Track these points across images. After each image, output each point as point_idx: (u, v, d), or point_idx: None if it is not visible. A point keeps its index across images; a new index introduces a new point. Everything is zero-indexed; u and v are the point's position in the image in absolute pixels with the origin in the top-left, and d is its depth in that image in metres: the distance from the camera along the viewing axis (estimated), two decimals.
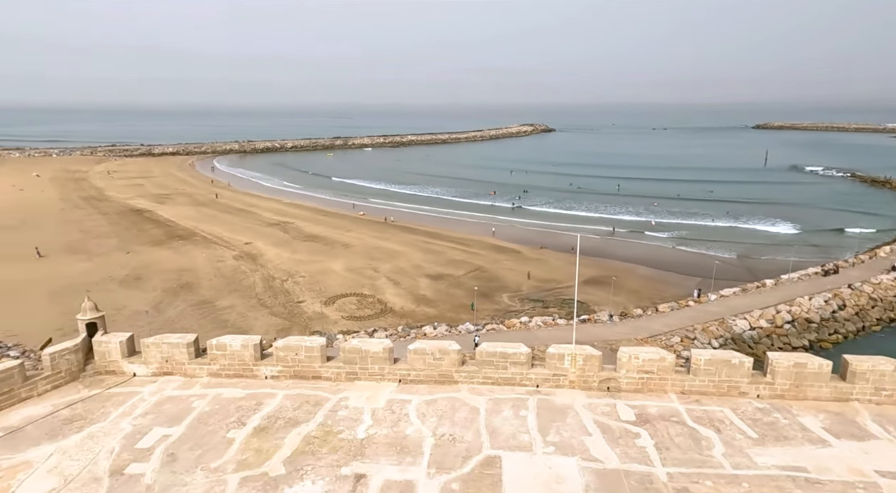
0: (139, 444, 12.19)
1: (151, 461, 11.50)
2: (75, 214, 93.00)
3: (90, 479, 10.95)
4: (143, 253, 68.96)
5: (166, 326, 44.51)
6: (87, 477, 11.01)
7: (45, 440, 12.43)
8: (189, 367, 16.11)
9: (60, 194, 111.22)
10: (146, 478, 10.94)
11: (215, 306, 52.25)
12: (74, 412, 13.83)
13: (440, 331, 45.55)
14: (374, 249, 72.74)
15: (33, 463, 11.53)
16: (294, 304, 53.26)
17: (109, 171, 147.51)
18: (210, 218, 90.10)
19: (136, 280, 58.79)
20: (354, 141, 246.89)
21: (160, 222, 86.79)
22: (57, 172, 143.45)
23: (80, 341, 16.53)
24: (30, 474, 11.16)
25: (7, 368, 14.87)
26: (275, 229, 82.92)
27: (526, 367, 15.08)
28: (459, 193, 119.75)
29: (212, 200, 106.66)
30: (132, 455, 11.73)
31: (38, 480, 10.95)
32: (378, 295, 55.67)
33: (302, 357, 15.76)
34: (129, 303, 51.22)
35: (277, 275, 61.29)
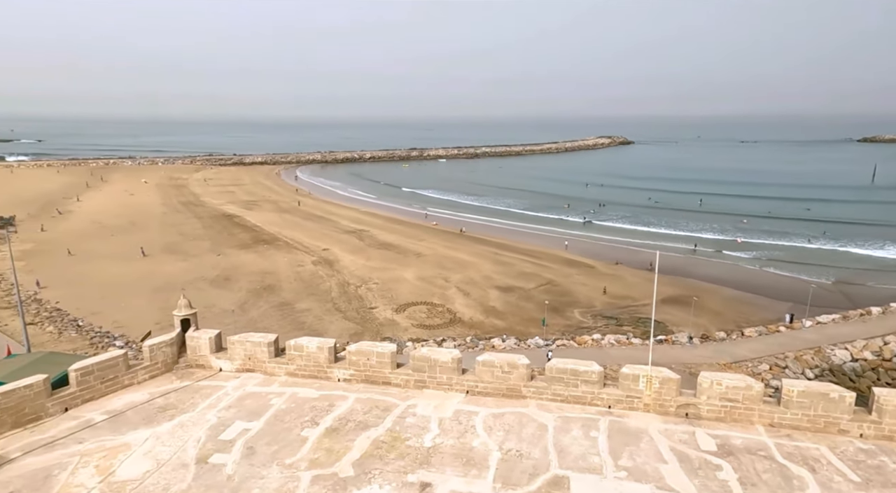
0: (222, 435, 12.99)
1: (233, 453, 12.21)
2: (175, 217, 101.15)
3: (179, 465, 11.79)
4: (232, 256, 73.71)
5: (250, 325, 47.21)
6: (177, 463, 11.87)
7: (142, 425, 13.55)
8: (269, 365, 17.00)
9: (163, 199, 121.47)
10: (227, 469, 11.62)
11: (294, 308, 54.80)
12: (168, 401, 14.98)
13: (509, 344, 45.11)
14: (446, 258, 73.47)
15: (132, 446, 12.60)
16: (367, 310, 54.80)
17: (206, 178, 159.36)
18: (292, 224, 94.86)
19: (225, 281, 62.88)
20: (429, 152, 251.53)
21: (248, 227, 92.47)
22: (161, 179, 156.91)
23: (175, 336, 17.93)
24: (129, 455, 12.20)
25: (113, 356, 16.40)
26: (351, 237, 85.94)
27: (598, 386, 14.61)
28: (532, 205, 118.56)
29: (294, 208, 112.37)
30: (216, 446, 12.52)
31: (135, 461, 11.94)
32: (448, 305, 56.09)
33: (373, 363, 16.17)
34: (217, 302, 54.82)
35: (352, 281, 63.38)
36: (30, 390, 14.15)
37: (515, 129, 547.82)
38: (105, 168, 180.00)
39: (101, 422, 13.83)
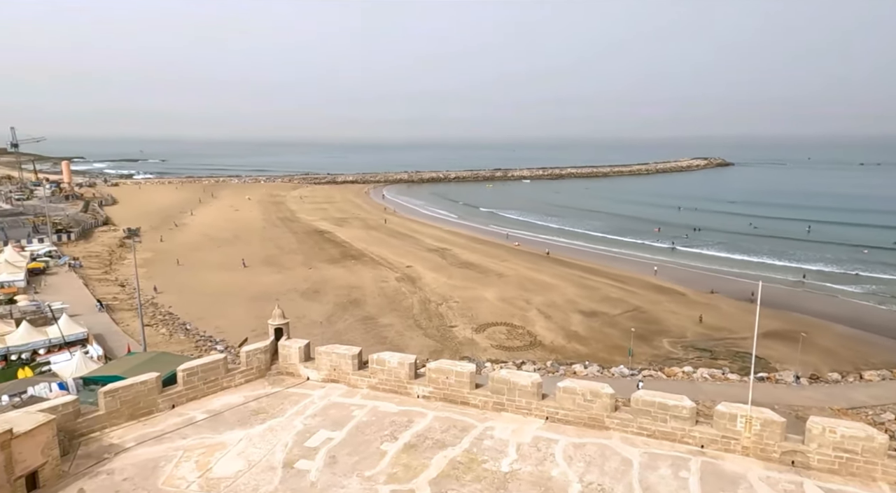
0: (307, 442, 13.56)
1: (316, 461, 12.70)
2: (273, 231, 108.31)
3: (267, 467, 12.44)
4: (322, 269, 77.48)
5: (335, 337, 49.15)
6: (266, 465, 12.53)
7: (237, 426, 14.48)
8: (352, 377, 17.58)
9: (263, 215, 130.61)
10: (311, 475, 12.10)
11: (377, 322, 56.41)
12: (260, 405, 15.91)
13: (591, 371, 43.47)
14: (527, 280, 72.55)
15: (227, 445, 13.49)
16: (447, 328, 55.21)
17: (301, 196, 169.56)
18: (378, 241, 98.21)
19: (315, 293, 66.12)
20: (514, 173, 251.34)
21: (337, 243, 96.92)
22: (263, 196, 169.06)
23: (268, 343, 19.08)
24: (224, 454, 13.06)
25: (215, 360, 17.72)
26: (434, 255, 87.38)
27: (689, 423, 13.65)
28: (619, 228, 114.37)
29: (381, 225, 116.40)
30: (301, 452, 13.09)
31: (229, 460, 12.76)
32: (528, 327, 55.19)
33: (452, 381, 16.22)
34: (307, 313, 57.69)
35: (433, 299, 64.24)
36: (144, 387, 15.63)
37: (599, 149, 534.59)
38: (215, 185, 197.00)
39: (202, 420, 14.95)
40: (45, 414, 12.67)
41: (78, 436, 14.07)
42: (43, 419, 12.39)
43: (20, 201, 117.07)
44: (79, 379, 30.16)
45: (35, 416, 12.65)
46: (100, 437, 14.12)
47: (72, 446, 13.57)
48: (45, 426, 12.21)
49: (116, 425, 14.79)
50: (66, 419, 13.83)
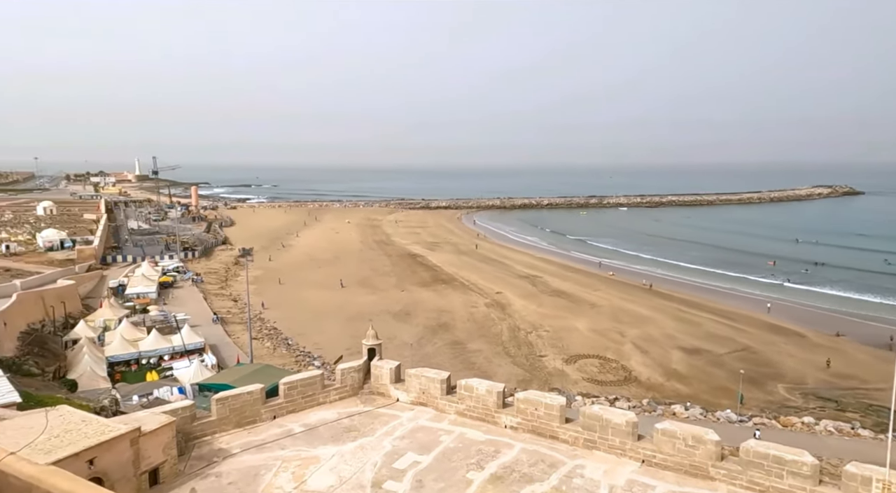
0: (396, 464, 13.80)
1: (403, 483, 12.87)
2: (369, 254, 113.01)
3: (357, 485, 12.80)
4: (414, 292, 79.33)
5: (424, 360, 49.84)
6: (355, 482, 12.91)
7: (330, 442, 15.09)
8: (440, 402, 17.72)
9: (361, 238, 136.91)
10: None
11: (465, 348, 56.50)
12: (352, 423, 16.48)
13: (693, 413, 40.29)
14: (622, 311, 69.34)
15: (321, 459, 14.09)
16: (536, 357, 54.01)
17: (396, 220, 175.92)
18: (469, 266, 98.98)
19: (406, 315, 67.74)
20: (609, 200, 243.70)
21: (429, 267, 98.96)
22: (361, 219, 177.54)
23: (362, 363, 19.82)
24: (318, 468, 13.64)
25: (313, 376, 18.70)
26: (524, 282, 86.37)
27: (810, 482, 12.20)
28: (724, 261, 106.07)
29: (472, 250, 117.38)
30: (389, 473, 13.33)
31: (322, 475, 13.30)
32: (623, 361, 52.51)
33: (541, 413, 15.82)
34: (398, 334, 59.16)
35: (523, 326, 63.28)
36: (250, 397, 16.82)
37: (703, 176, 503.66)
38: (319, 209, 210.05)
39: (299, 433, 15.77)
40: (167, 416, 14.03)
41: (192, 438, 15.40)
42: (165, 420, 13.73)
43: (156, 222, 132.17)
44: (195, 385, 33.05)
45: (159, 417, 14.05)
46: (210, 441, 15.35)
47: (187, 447, 14.87)
48: (167, 426, 13.51)
49: (225, 431, 16.01)
50: (184, 421, 15.21)
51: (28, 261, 72.07)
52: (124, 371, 43.41)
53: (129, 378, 41.87)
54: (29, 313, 48.01)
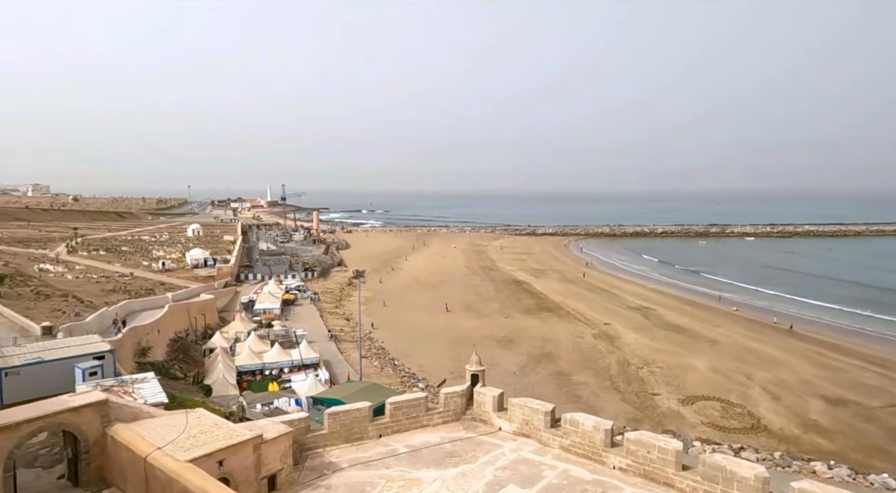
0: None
1: None
2: (474, 279, 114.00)
3: None
4: (518, 319, 78.43)
5: (527, 389, 48.79)
6: None
7: (433, 466, 15.25)
8: (544, 435, 17.21)
9: (466, 263, 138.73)
10: None
11: (570, 379, 54.48)
12: (454, 448, 16.54)
13: (838, 474, 35.12)
14: (747, 351, 62.95)
15: (423, 482, 14.27)
16: (648, 394, 50.58)
17: (502, 246, 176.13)
18: (575, 295, 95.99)
19: (509, 342, 67.04)
20: (733, 229, 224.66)
21: (533, 294, 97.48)
22: (466, 245, 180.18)
23: (465, 388, 19.90)
24: (420, 491, 13.83)
25: (417, 398, 19.13)
26: (635, 313, 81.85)
27: None
28: (876, 301, 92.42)
29: (579, 278, 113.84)
30: None
31: None
32: (749, 407, 47.40)
33: (654, 457, 14.75)
34: (501, 361, 58.62)
35: (633, 361, 59.77)
36: (359, 414, 17.58)
37: (848, 203, 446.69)
38: (427, 234, 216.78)
39: (403, 454, 16.14)
40: (286, 426, 15.09)
41: (306, 449, 16.37)
42: (284, 429, 14.78)
43: (282, 244, 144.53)
44: (310, 398, 35.17)
45: (278, 426, 15.15)
46: (322, 453, 16.21)
47: (301, 457, 15.83)
48: (285, 436, 14.53)
49: (335, 445, 16.83)
50: (300, 432, 16.24)
51: (178, 276, 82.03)
52: (250, 380, 47.44)
53: (253, 387, 45.68)
54: (177, 323, 54.47)
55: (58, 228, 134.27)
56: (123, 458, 13.34)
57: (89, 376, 20.58)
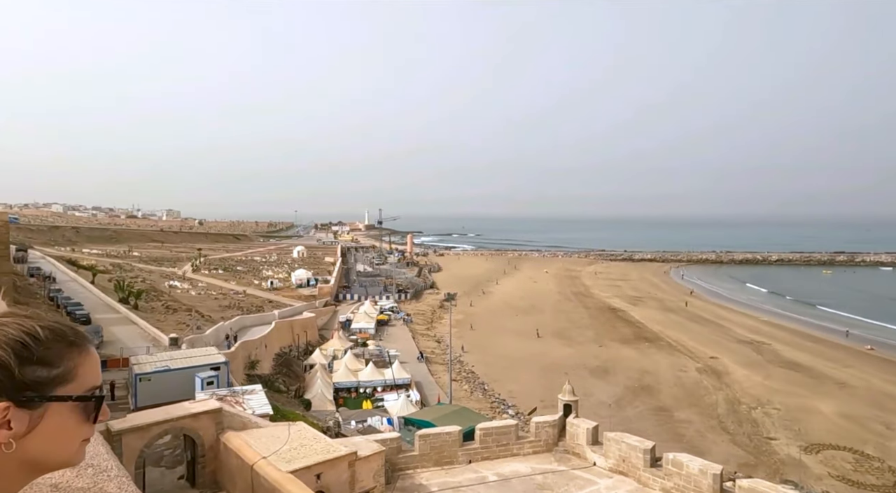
0: None
1: None
2: (566, 305, 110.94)
3: None
4: (612, 348, 74.94)
5: (624, 423, 46.18)
6: None
7: None
8: (643, 474, 16.18)
9: (558, 288, 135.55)
10: None
11: (672, 416, 50.85)
12: (545, 481, 16.03)
13: None
14: (886, 396, 55.22)
15: None
16: (762, 438, 45.85)
17: (596, 272, 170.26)
18: (676, 325, 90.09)
19: (604, 372, 64.13)
20: (865, 257, 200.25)
21: (630, 322, 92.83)
22: (559, 270, 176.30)
23: (557, 418, 19.30)
24: None
25: (508, 425, 18.84)
26: (745, 348, 75.06)
27: None
28: None
29: (681, 308, 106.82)
30: None
31: None
32: (890, 461, 41.34)
33: None
34: (595, 392, 56.15)
35: (745, 400, 54.64)
36: (449, 438, 17.63)
37: None
38: (518, 258, 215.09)
39: (493, 482, 15.91)
40: (379, 445, 15.50)
41: (397, 470, 16.67)
42: (377, 448, 15.19)
43: (378, 266, 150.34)
44: (401, 418, 35.83)
45: (371, 444, 15.61)
46: (412, 475, 16.41)
47: (392, 477, 16.14)
48: (378, 455, 14.93)
49: (424, 467, 16.97)
50: (392, 452, 16.60)
51: (284, 295, 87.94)
52: (346, 397, 49.32)
53: (349, 404, 47.41)
54: (282, 339, 58.23)
55: (185, 248, 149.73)
56: (233, 464, 14.39)
57: (207, 385, 22.56)
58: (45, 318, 1.25)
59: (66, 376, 1.18)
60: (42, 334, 1.18)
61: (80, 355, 1.22)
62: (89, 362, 1.23)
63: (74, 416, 1.18)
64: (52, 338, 1.20)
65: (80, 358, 1.22)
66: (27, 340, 1.16)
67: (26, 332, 1.17)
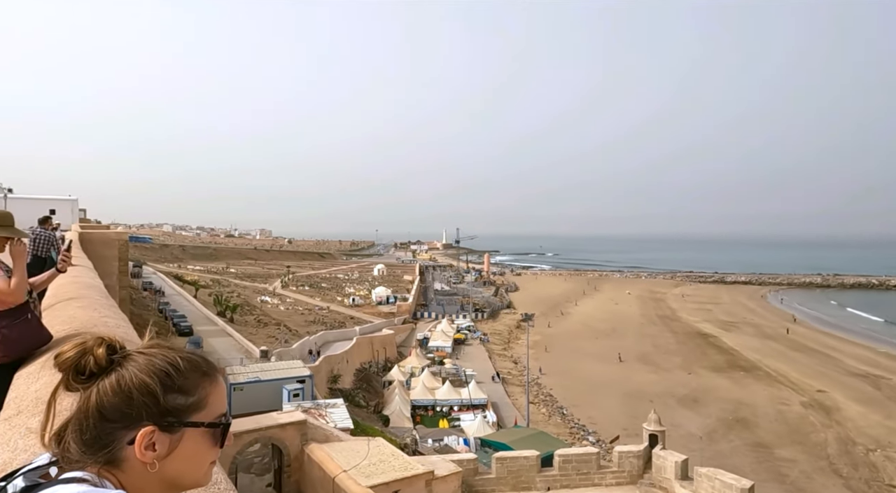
0: None
1: None
2: (650, 329, 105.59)
3: None
4: (703, 376, 70.17)
5: (716, 458, 42.83)
6: None
7: None
8: None
9: (642, 311, 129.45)
10: None
11: (772, 453, 46.55)
12: None
13: None
14: None
15: None
16: (883, 486, 40.76)
17: (683, 294, 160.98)
18: (777, 353, 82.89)
19: (693, 402, 60.10)
20: None
21: (723, 349, 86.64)
22: (642, 291, 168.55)
23: (642, 449, 18.33)
24: None
25: (588, 453, 18.14)
26: (860, 382, 67.48)
27: None
28: None
29: (781, 335, 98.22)
30: None
31: None
32: None
33: None
34: (683, 423, 52.69)
35: (860, 440, 48.96)
36: (527, 462, 17.25)
37: None
38: (598, 279, 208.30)
39: None
40: (456, 465, 15.47)
41: (473, 492, 16.51)
42: (454, 468, 15.16)
43: (455, 284, 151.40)
44: (478, 439, 35.53)
45: (448, 464, 15.60)
46: None
47: None
48: (455, 475, 14.89)
49: (501, 491, 16.68)
50: (468, 473, 16.49)
51: (364, 311, 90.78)
52: (423, 415, 49.70)
53: (426, 422, 47.71)
54: (362, 354, 59.99)
55: (276, 266, 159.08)
56: (316, 475, 14.94)
57: (293, 397, 23.67)
58: (183, 350, 1.37)
59: (200, 404, 1.28)
60: (182, 364, 1.29)
61: (212, 384, 1.32)
62: (218, 390, 1.34)
63: (205, 440, 1.28)
64: (189, 368, 1.30)
65: (210, 387, 1.32)
66: (170, 370, 1.26)
67: (170, 362, 1.28)
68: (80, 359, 1.26)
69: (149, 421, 1.22)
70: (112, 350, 1.28)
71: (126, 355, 1.29)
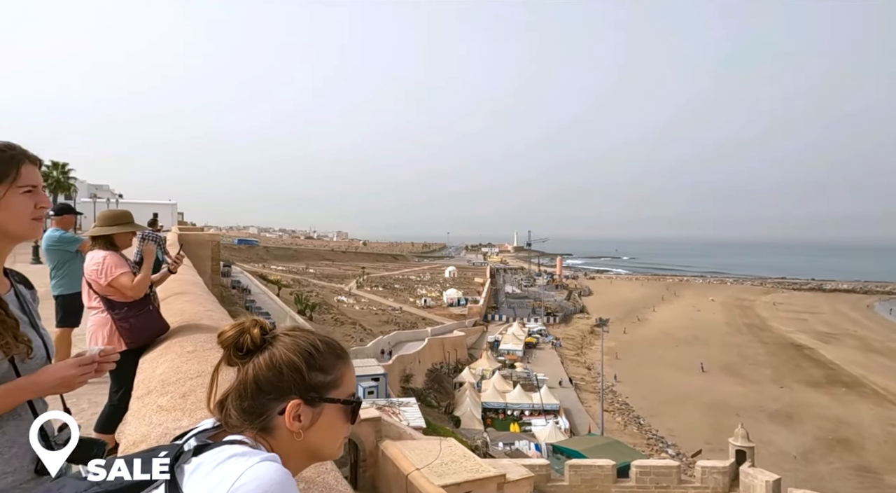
0: None
1: None
2: (736, 338, 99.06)
3: None
4: (797, 391, 64.92)
5: (813, 480, 39.46)
6: None
7: None
8: None
9: (727, 318, 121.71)
10: None
11: (882, 479, 42.21)
12: None
13: None
14: None
15: None
16: None
17: (774, 302, 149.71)
18: (885, 369, 75.07)
19: (786, 418, 55.77)
20: None
21: (820, 362, 79.73)
22: (727, 298, 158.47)
23: (728, 465, 17.26)
24: None
25: (668, 466, 17.35)
26: None
27: None
28: None
29: (891, 349, 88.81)
30: None
31: None
32: None
33: None
34: (774, 439, 49.00)
35: None
36: (602, 472, 16.76)
37: None
38: (678, 284, 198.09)
39: None
40: (528, 470, 15.32)
41: None
42: (526, 473, 15.03)
43: (526, 288, 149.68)
44: (550, 445, 34.92)
45: (520, 469, 15.48)
46: None
47: None
48: (527, 479, 14.76)
49: None
50: (540, 479, 16.27)
51: (436, 313, 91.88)
52: (493, 418, 49.53)
53: (496, 425, 47.52)
54: (434, 355, 60.77)
55: (351, 267, 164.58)
56: (389, 472, 15.34)
57: (367, 394, 24.42)
58: (321, 334, 1.54)
59: (336, 383, 1.44)
60: (321, 346, 1.46)
61: (345, 365, 1.48)
62: (350, 372, 1.49)
63: (340, 416, 1.44)
64: (327, 350, 1.46)
65: (344, 368, 1.47)
66: (312, 350, 1.44)
67: (311, 343, 1.45)
68: (239, 337, 1.44)
69: (296, 394, 1.38)
70: (264, 331, 1.46)
71: (275, 336, 1.47)
